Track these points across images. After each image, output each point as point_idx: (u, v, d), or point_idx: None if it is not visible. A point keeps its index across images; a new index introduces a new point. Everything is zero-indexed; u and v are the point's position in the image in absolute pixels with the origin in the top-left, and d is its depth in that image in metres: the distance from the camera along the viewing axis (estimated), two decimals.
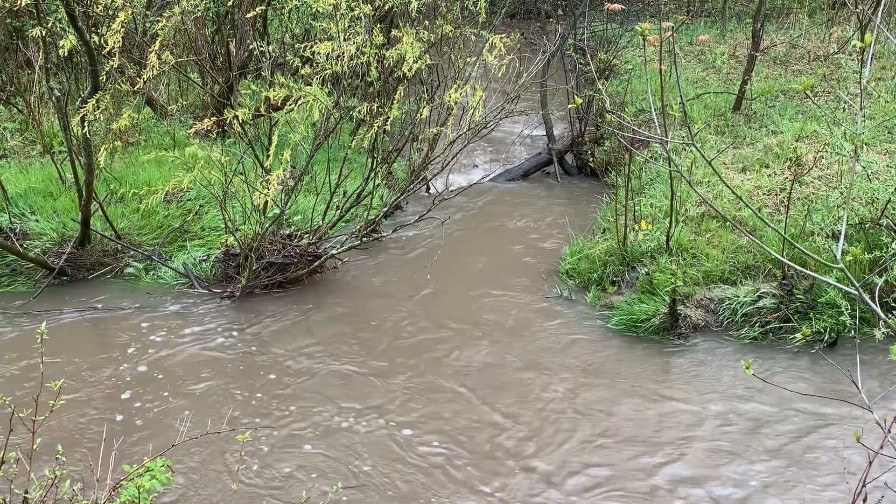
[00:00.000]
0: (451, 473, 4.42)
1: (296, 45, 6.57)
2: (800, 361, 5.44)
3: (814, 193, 6.73)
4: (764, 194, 7.01)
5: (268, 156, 6.23)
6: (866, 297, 2.62)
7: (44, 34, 6.89)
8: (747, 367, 2.95)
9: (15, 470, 3.44)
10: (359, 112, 6.51)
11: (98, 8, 6.20)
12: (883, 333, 4.86)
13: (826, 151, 7.46)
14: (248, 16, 7.47)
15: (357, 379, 5.33)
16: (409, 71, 6.41)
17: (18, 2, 6.35)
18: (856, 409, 4.67)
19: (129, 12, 5.90)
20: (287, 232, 6.78)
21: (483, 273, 6.88)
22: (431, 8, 7.49)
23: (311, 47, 6.19)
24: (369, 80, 6.52)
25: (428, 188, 8.65)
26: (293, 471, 4.44)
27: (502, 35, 6.92)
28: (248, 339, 5.83)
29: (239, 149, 7.47)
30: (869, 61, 2.94)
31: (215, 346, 5.71)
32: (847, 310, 5.48)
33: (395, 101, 6.64)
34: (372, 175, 6.92)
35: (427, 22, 7.00)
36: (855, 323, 5.46)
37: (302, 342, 5.79)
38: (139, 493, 3.24)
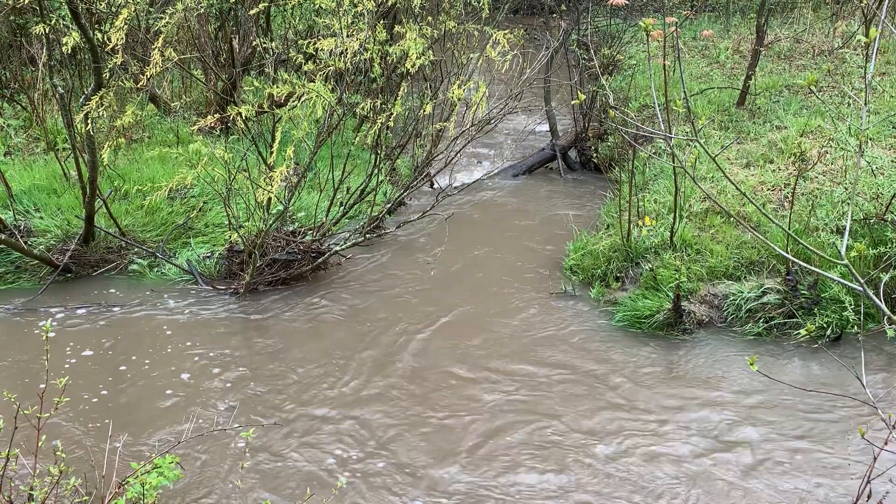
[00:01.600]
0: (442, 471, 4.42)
1: (299, 42, 6.56)
2: (804, 357, 5.43)
3: (818, 189, 6.71)
4: (768, 190, 6.99)
5: (271, 152, 6.23)
6: (871, 294, 2.61)
7: (47, 31, 6.89)
8: (751, 364, 2.95)
9: (14, 467, 3.45)
10: (362, 108, 6.51)
11: (101, 5, 6.21)
12: (894, 331, 4.85)
13: (830, 147, 7.44)
14: (252, 12, 7.46)
15: (360, 374, 5.33)
16: (412, 67, 6.41)
17: None
18: (860, 404, 4.67)
19: (132, 9, 5.91)
20: (291, 228, 6.79)
21: (486, 269, 6.88)
22: (434, 4, 7.48)
23: (315, 44, 6.18)
24: (372, 76, 6.52)
25: (431, 184, 8.64)
26: (298, 465, 4.45)
27: (505, 31, 6.91)
28: (252, 336, 5.83)
29: (242, 145, 7.47)
30: (874, 56, 2.93)
31: (219, 343, 5.71)
32: (851, 305, 5.47)
33: (398, 98, 6.64)
34: (375, 171, 6.92)
35: (430, 18, 6.99)
36: (859, 319, 5.44)
37: (306, 338, 5.79)
38: (144, 489, 3.24)
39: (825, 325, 5.53)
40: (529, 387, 5.18)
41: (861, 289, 2.62)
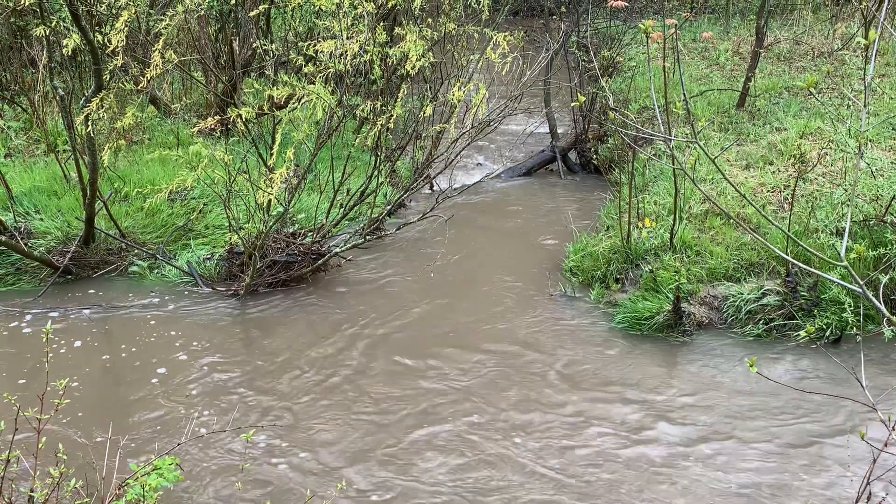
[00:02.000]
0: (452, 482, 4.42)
1: (299, 44, 6.57)
2: (804, 358, 5.43)
3: (818, 190, 6.72)
4: (768, 191, 6.99)
5: (271, 154, 6.23)
6: (870, 295, 2.61)
7: (47, 33, 6.89)
8: (751, 365, 2.95)
9: (16, 469, 3.45)
10: (362, 110, 6.51)
11: (101, 7, 6.21)
12: (891, 332, 4.85)
13: (830, 148, 7.45)
14: (252, 14, 7.47)
15: (359, 375, 5.33)
16: (412, 69, 6.41)
17: (22, 1, 6.36)
18: (860, 406, 4.67)
19: (133, 11, 5.91)
20: (291, 230, 6.79)
21: (486, 270, 6.88)
22: (435, 5, 7.49)
23: (315, 45, 6.19)
24: (372, 77, 6.53)
25: (431, 186, 8.65)
26: (297, 468, 4.45)
27: (505, 33, 6.92)
28: (252, 338, 5.84)
29: (242, 147, 7.48)
30: (873, 58, 2.94)
31: (219, 344, 5.72)
32: (851, 307, 5.47)
33: (398, 99, 6.64)
34: (375, 173, 6.92)
35: (430, 20, 7.00)
36: (859, 320, 5.45)
37: (306, 340, 5.79)
38: (144, 491, 3.24)
39: (825, 327, 5.53)
40: (527, 388, 5.18)
41: (860, 290, 2.62)
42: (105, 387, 5.19)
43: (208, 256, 6.82)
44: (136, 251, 6.79)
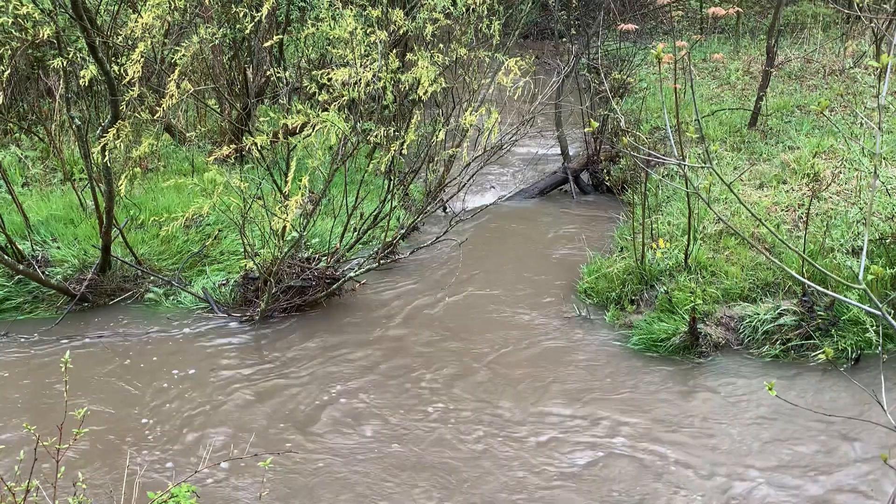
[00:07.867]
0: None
1: (312, 72, 6.63)
2: (823, 380, 5.38)
3: (832, 209, 6.69)
4: (782, 210, 6.97)
5: (286, 181, 6.27)
6: (890, 318, 2.59)
7: (64, 64, 7.00)
8: (770, 388, 2.93)
9: (35, 499, 3.46)
10: (375, 136, 6.56)
11: (118, 39, 6.31)
12: None
13: (844, 167, 7.42)
14: (266, 44, 7.56)
15: (375, 401, 5.32)
16: (424, 94, 6.46)
17: (41, 33, 6.47)
18: (881, 429, 4.61)
19: (149, 42, 5.99)
20: (305, 255, 6.82)
21: (500, 293, 6.88)
22: (446, 32, 7.55)
23: (328, 74, 6.24)
24: (385, 103, 6.57)
25: (444, 209, 8.67)
26: (315, 496, 4.43)
27: (517, 58, 6.96)
28: (267, 363, 5.84)
29: (257, 174, 7.54)
30: (887, 77, 2.94)
31: (234, 370, 5.73)
32: (872, 326, 5.42)
33: (410, 125, 6.69)
34: (389, 197, 6.95)
35: (441, 45, 7.05)
36: (879, 340, 5.40)
37: (321, 365, 5.80)
38: None
39: (844, 348, 5.48)
40: (540, 409, 5.16)
41: (879, 312, 2.60)
42: (123, 415, 5.21)
43: (223, 282, 6.85)
44: (151, 278, 6.84)
